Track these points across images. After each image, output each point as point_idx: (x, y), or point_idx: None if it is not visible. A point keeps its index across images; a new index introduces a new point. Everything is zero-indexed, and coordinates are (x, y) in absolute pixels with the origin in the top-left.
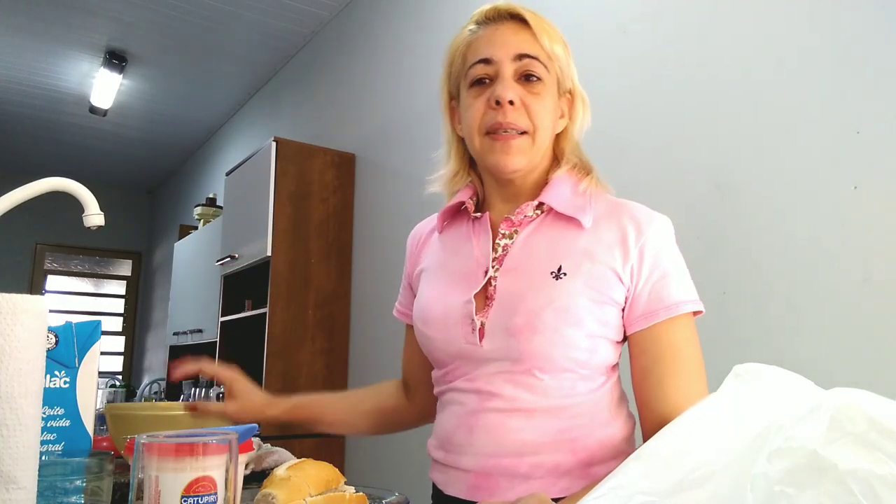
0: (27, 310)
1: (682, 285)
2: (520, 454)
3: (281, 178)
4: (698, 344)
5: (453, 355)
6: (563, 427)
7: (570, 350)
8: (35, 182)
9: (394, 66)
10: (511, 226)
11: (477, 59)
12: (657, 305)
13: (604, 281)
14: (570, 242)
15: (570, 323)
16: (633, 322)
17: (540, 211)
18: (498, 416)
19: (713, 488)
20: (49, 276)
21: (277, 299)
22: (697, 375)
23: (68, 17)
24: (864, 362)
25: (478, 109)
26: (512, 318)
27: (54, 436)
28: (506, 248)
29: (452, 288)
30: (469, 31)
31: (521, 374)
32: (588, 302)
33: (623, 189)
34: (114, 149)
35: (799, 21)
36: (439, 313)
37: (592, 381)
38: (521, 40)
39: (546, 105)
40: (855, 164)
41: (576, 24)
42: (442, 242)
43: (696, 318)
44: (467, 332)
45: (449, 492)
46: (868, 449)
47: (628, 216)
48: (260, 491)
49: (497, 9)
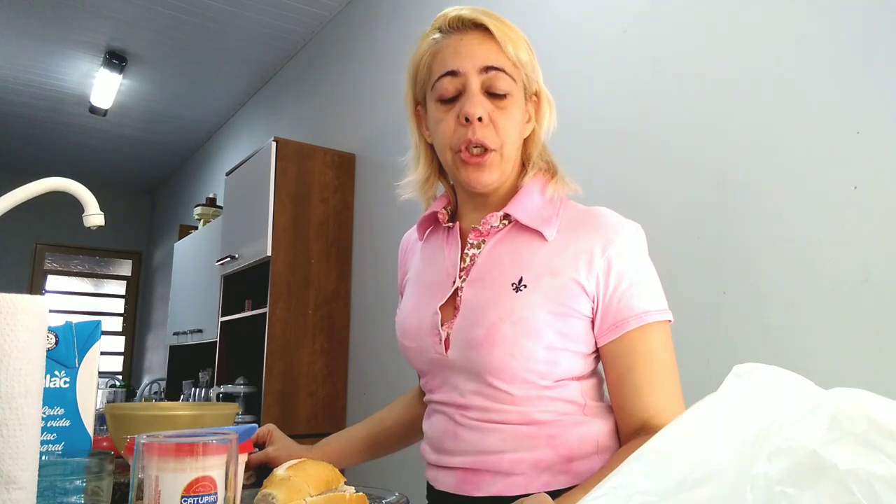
0: (27, 310)
1: (650, 294)
2: (500, 452)
3: (281, 178)
4: (672, 349)
5: (428, 364)
6: (539, 428)
7: (529, 362)
8: (35, 182)
9: (394, 66)
10: (479, 236)
11: (444, 72)
12: (626, 314)
13: (565, 293)
14: (533, 254)
15: (528, 335)
16: (603, 333)
17: (507, 221)
18: (477, 423)
19: (713, 488)
20: (49, 276)
21: (277, 299)
22: (672, 381)
23: (68, 17)
24: (864, 362)
25: (448, 126)
26: (473, 330)
27: (54, 436)
28: (473, 259)
29: (425, 298)
30: (433, 39)
31: (486, 387)
32: (547, 314)
33: (623, 189)
34: (114, 149)
35: (799, 21)
36: (414, 323)
37: (559, 391)
38: (486, 51)
39: (514, 118)
40: (855, 164)
41: (576, 24)
42: (422, 251)
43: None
44: (435, 343)
45: (439, 487)
46: (868, 449)
47: (596, 225)
48: (260, 491)
49: (461, 17)
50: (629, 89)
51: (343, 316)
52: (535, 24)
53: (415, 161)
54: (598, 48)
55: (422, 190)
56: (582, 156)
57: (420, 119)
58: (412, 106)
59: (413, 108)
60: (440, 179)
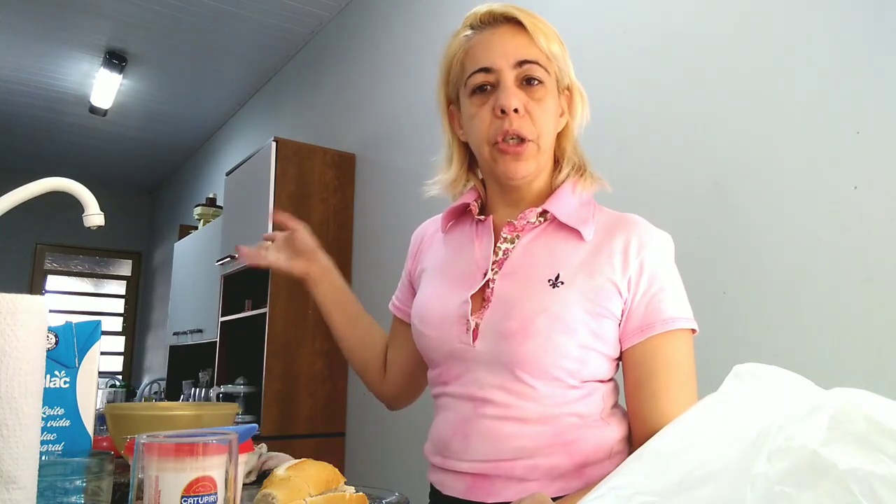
0: (27, 310)
1: (679, 302)
2: (515, 458)
3: (281, 178)
4: (692, 360)
5: (446, 355)
6: (557, 431)
7: (561, 358)
8: (35, 182)
9: (394, 66)
10: (513, 230)
11: (477, 68)
12: (654, 318)
13: (601, 293)
14: (570, 253)
15: (562, 331)
16: (629, 336)
17: (543, 218)
18: (492, 422)
19: (713, 488)
20: (49, 276)
21: (277, 299)
22: (690, 391)
23: (68, 17)
24: (864, 362)
25: (483, 120)
26: (506, 322)
27: (54, 436)
28: (506, 253)
29: (451, 288)
30: (465, 36)
31: (512, 381)
32: (582, 312)
33: (623, 189)
34: (114, 149)
35: (799, 21)
36: (437, 312)
37: (582, 391)
38: (519, 45)
39: (548, 109)
40: (855, 164)
41: (576, 24)
42: (445, 242)
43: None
44: (461, 332)
45: (447, 492)
46: (868, 449)
47: (631, 229)
48: (260, 491)
49: (492, 12)
50: (629, 89)
51: None
52: None
53: (447, 160)
54: (598, 48)
55: (451, 187)
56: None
57: (453, 118)
58: (445, 105)
59: (446, 108)
60: (471, 177)
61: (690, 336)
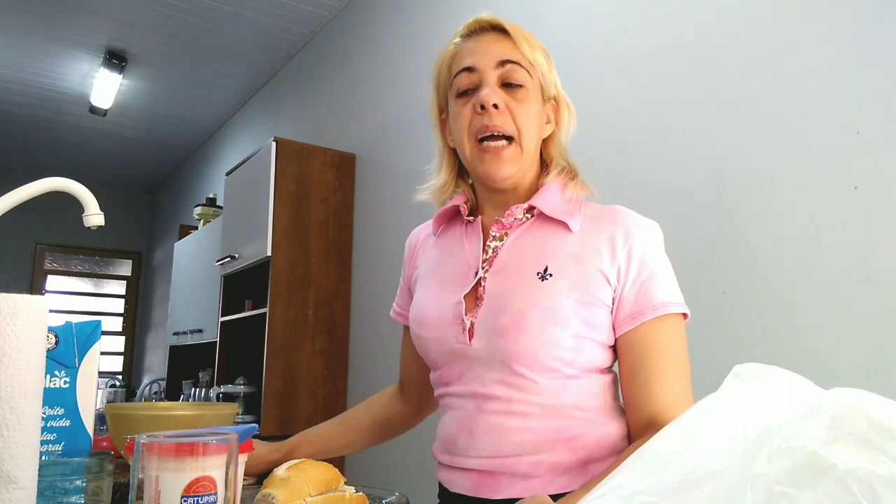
0: (27, 310)
1: (668, 287)
2: (519, 454)
3: (281, 178)
4: (685, 345)
5: (446, 355)
6: (560, 426)
7: (556, 349)
8: (35, 182)
9: (394, 66)
10: (501, 228)
11: (460, 69)
12: (644, 305)
13: (590, 282)
14: (558, 244)
15: (554, 322)
16: (621, 323)
17: (530, 214)
18: (496, 417)
19: (713, 488)
20: (49, 276)
21: (277, 299)
22: (683, 376)
23: (68, 17)
24: (864, 362)
25: (465, 116)
26: (499, 318)
27: (54, 436)
28: (496, 251)
29: (445, 289)
30: (454, 44)
31: (511, 376)
32: (573, 303)
33: (623, 189)
34: (114, 149)
35: (799, 21)
36: (433, 314)
37: (582, 381)
38: (502, 48)
39: (530, 110)
40: (855, 164)
41: (576, 24)
42: (437, 246)
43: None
44: (458, 332)
45: (454, 490)
46: (868, 449)
47: (618, 219)
48: (260, 491)
49: (479, 21)
50: (629, 89)
51: (343, 316)
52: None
53: (438, 167)
54: (598, 48)
55: (439, 193)
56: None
57: (444, 126)
58: (437, 114)
59: (438, 116)
60: (460, 183)
61: (682, 321)
